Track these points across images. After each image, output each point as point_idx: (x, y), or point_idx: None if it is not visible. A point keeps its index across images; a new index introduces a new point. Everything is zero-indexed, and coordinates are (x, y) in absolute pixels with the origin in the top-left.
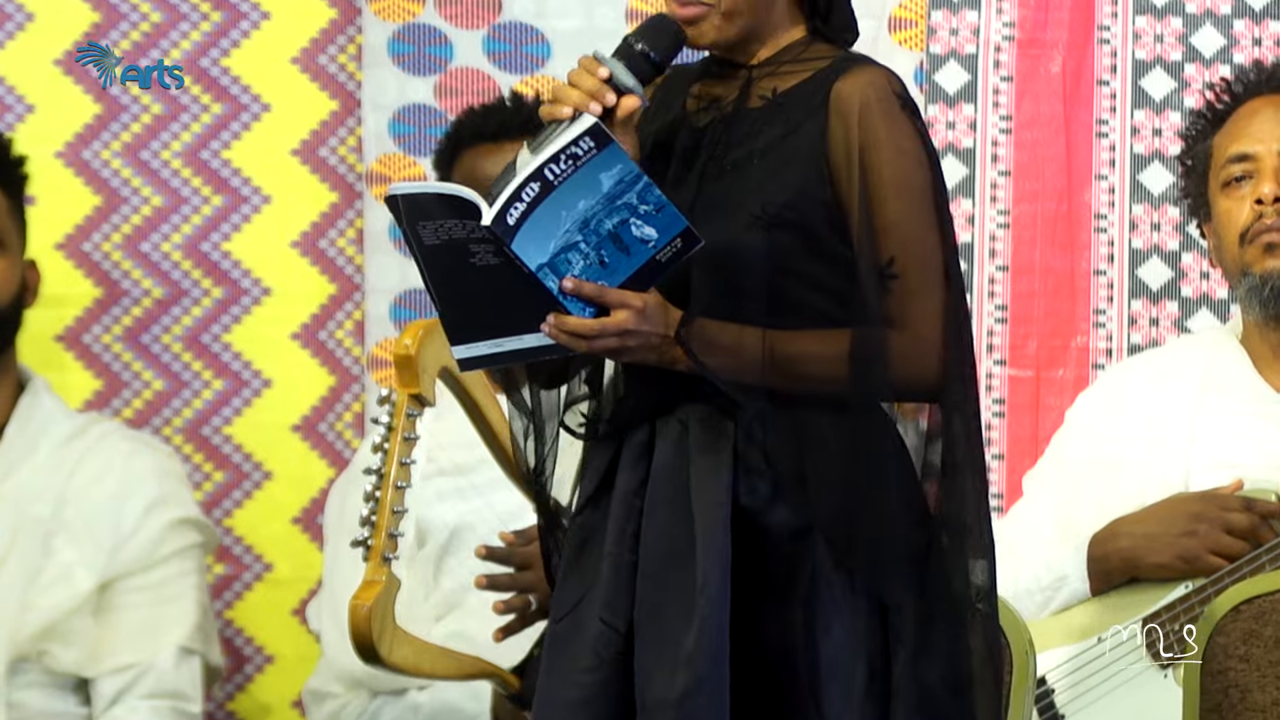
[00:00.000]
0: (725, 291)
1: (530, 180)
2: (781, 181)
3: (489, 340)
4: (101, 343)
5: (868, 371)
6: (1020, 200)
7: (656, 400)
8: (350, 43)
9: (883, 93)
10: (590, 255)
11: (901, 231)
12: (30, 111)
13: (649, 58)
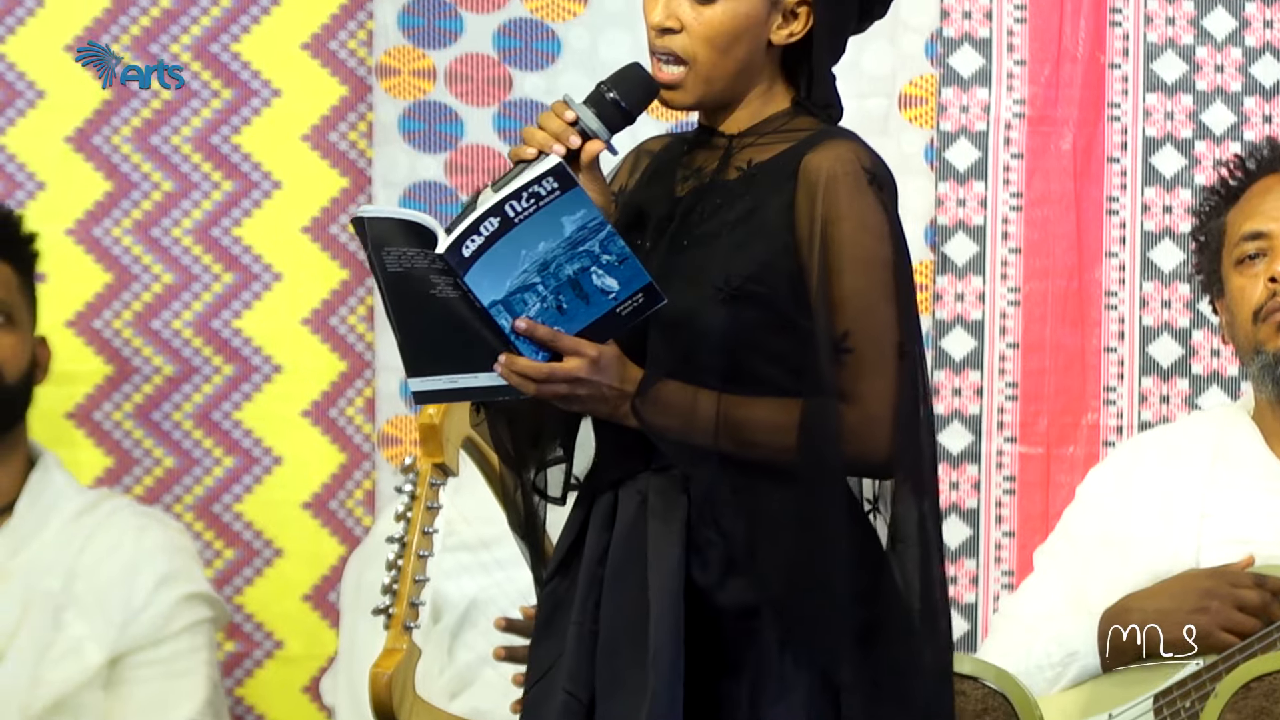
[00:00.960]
0: (682, 358)
1: (490, 214)
2: (747, 254)
3: (446, 375)
4: (112, 420)
5: (817, 443)
6: (1031, 277)
7: (622, 467)
8: (361, 120)
9: (850, 166)
10: (548, 299)
11: (858, 305)
12: (41, 189)
13: (619, 106)
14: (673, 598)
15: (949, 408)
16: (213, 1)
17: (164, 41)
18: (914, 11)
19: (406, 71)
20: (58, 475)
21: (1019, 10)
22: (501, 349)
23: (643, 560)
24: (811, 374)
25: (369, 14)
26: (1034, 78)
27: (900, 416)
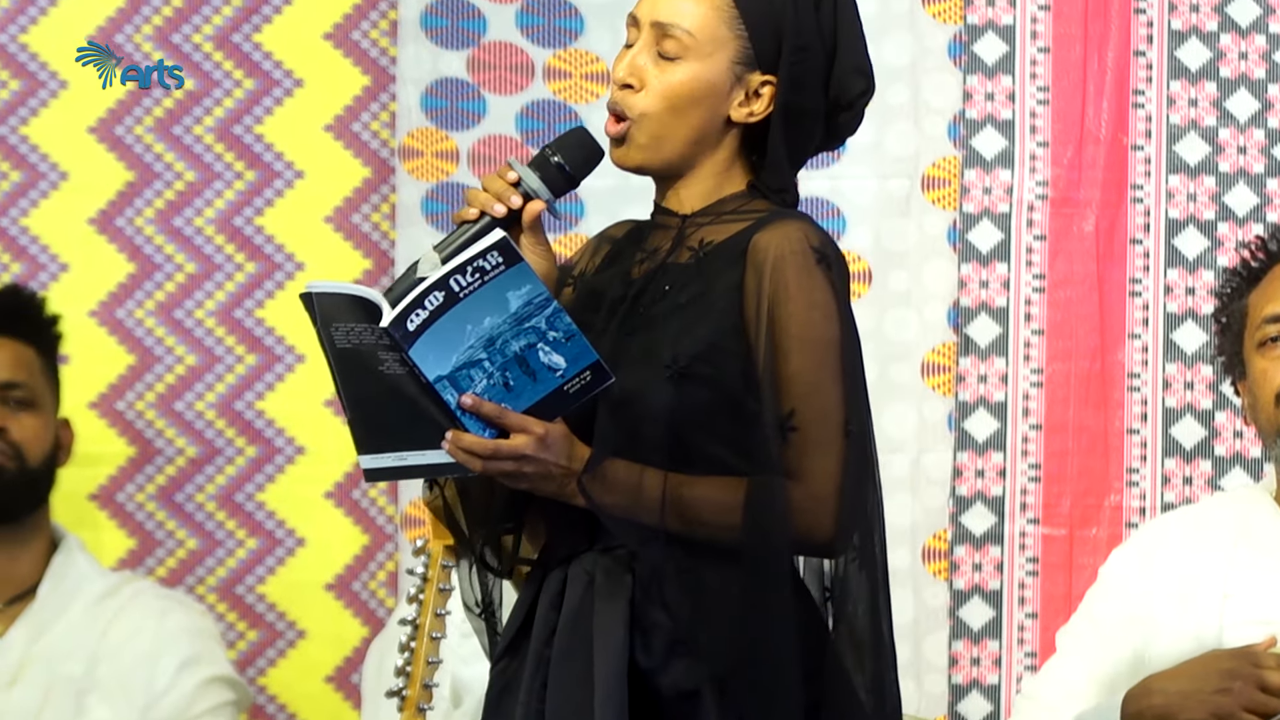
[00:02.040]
0: (629, 436)
1: (435, 289)
2: (695, 334)
3: (394, 452)
4: (135, 501)
5: (763, 522)
6: (1054, 359)
7: (569, 545)
8: (383, 17)
9: (798, 245)
10: (494, 375)
11: (804, 384)
12: (64, 270)
13: (563, 169)
14: (617, 679)
15: (972, 489)
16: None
17: (185, 32)
18: (936, 93)
19: (429, 62)
20: (80, 558)
21: (1042, 92)
22: (448, 425)
23: (589, 641)
24: (758, 453)
25: (391, 4)
26: (1057, 159)
27: (845, 495)
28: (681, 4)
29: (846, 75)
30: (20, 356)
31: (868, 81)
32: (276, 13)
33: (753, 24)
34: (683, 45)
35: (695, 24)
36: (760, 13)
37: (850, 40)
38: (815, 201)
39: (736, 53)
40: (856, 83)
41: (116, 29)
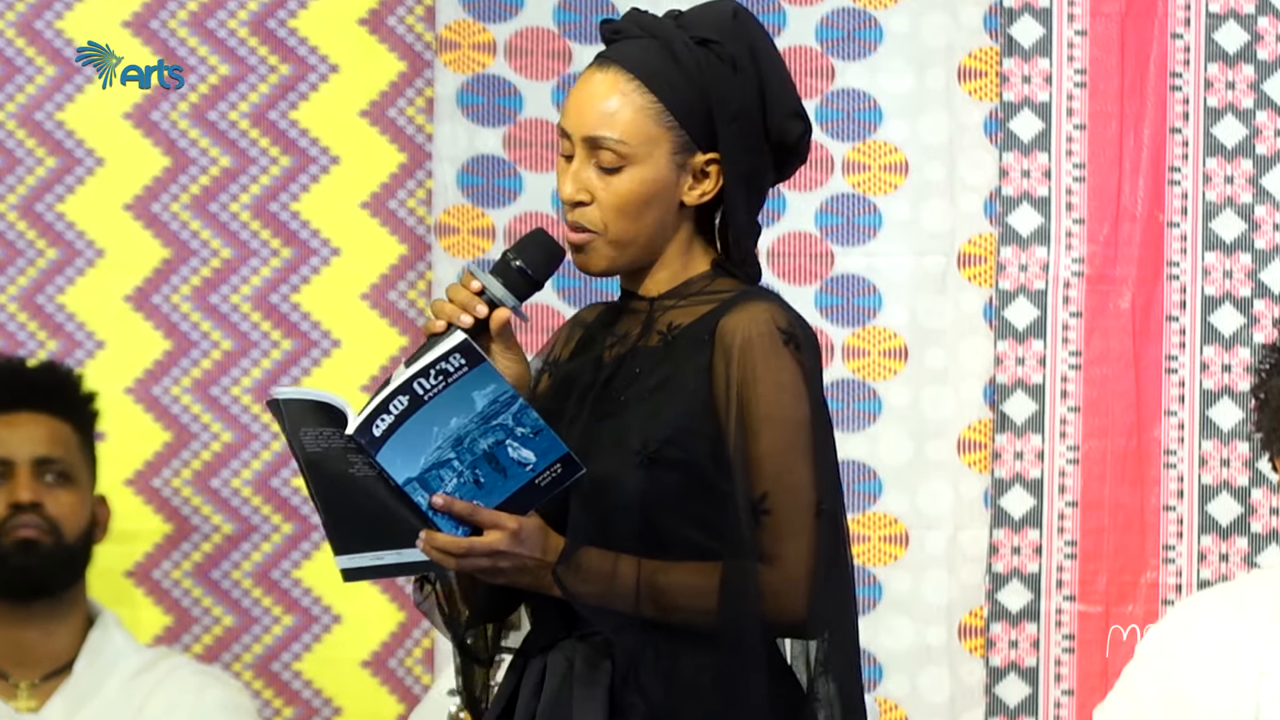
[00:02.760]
0: (602, 524)
1: (399, 393)
2: (665, 419)
3: (370, 552)
4: (171, 578)
5: (737, 605)
6: (1090, 436)
7: (548, 634)
8: (419, 95)
9: (765, 327)
10: (465, 474)
11: (775, 466)
12: (100, 347)
13: (525, 273)
14: None
15: (1008, 566)
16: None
17: (220, 17)
18: (972, 170)
19: (466, 46)
20: (117, 634)
21: (1078, 169)
22: (421, 526)
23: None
24: (731, 536)
25: (428, 81)
26: (1093, 236)
27: (817, 576)
28: (608, 114)
29: (783, 122)
30: (57, 433)
31: (805, 122)
32: (313, 90)
33: (680, 112)
34: (619, 155)
35: (625, 131)
36: (684, 99)
37: (777, 86)
38: (851, 279)
39: (673, 144)
40: (795, 126)
41: (153, 106)
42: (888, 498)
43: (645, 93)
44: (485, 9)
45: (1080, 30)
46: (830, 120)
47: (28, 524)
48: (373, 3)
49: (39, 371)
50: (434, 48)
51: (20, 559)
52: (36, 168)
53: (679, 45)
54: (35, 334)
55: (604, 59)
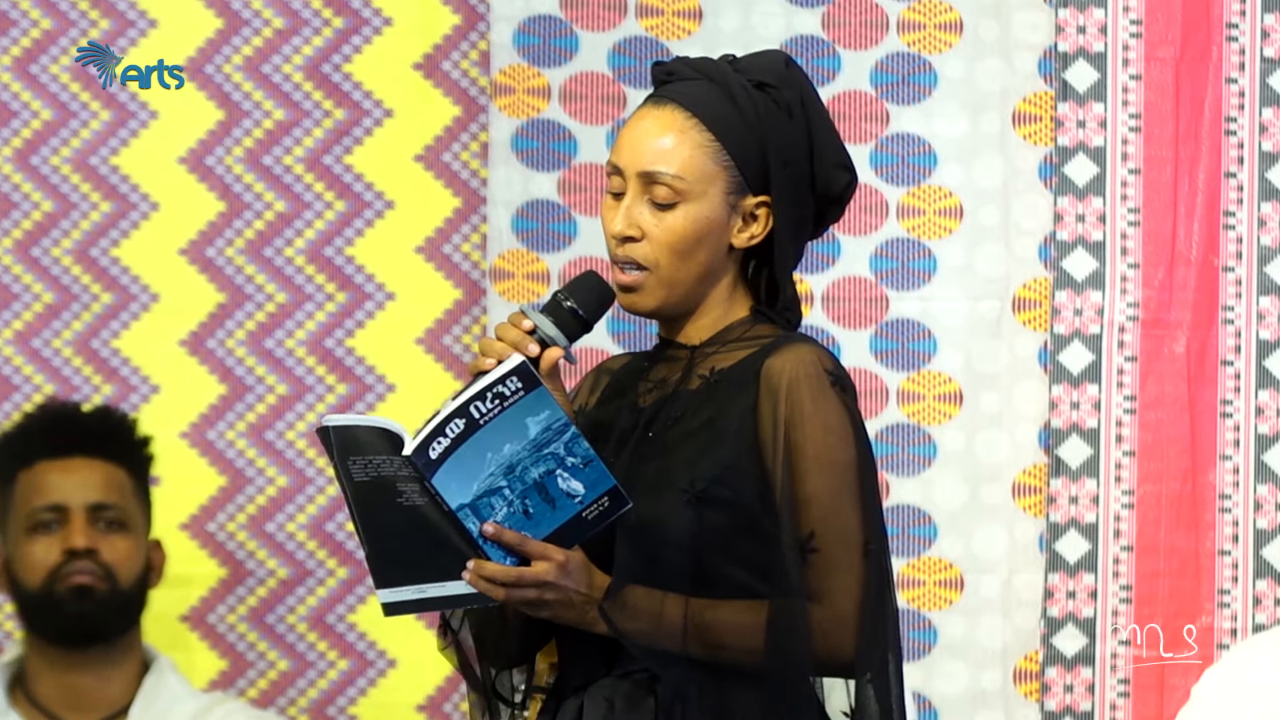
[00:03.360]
0: (648, 562)
1: (455, 416)
2: (712, 458)
3: (414, 585)
4: (226, 623)
5: (785, 643)
6: (1145, 480)
7: (585, 672)
8: (474, 139)
9: (812, 369)
10: (514, 503)
11: (823, 506)
12: (155, 391)
13: (576, 314)
14: None
15: (1063, 610)
16: (324, 23)
17: (275, 62)
18: (1027, 215)
19: (521, 90)
20: (172, 679)
21: (1133, 214)
22: (470, 553)
23: None
24: (778, 575)
25: (481, 34)
26: (1148, 281)
27: (865, 615)
28: (665, 150)
29: (830, 173)
30: (112, 478)
31: (850, 174)
32: (368, 135)
33: (737, 152)
34: (675, 191)
35: (683, 167)
36: (742, 139)
37: (825, 137)
38: (905, 323)
39: (727, 184)
40: (841, 177)
41: (208, 151)
42: (942, 542)
43: (703, 130)
44: (540, 54)
45: (1135, 75)
46: (885, 165)
47: (82, 570)
48: (427, 47)
49: (94, 416)
50: (489, 92)
51: (75, 605)
52: (91, 212)
53: (736, 87)
54: (90, 378)
55: (660, 97)
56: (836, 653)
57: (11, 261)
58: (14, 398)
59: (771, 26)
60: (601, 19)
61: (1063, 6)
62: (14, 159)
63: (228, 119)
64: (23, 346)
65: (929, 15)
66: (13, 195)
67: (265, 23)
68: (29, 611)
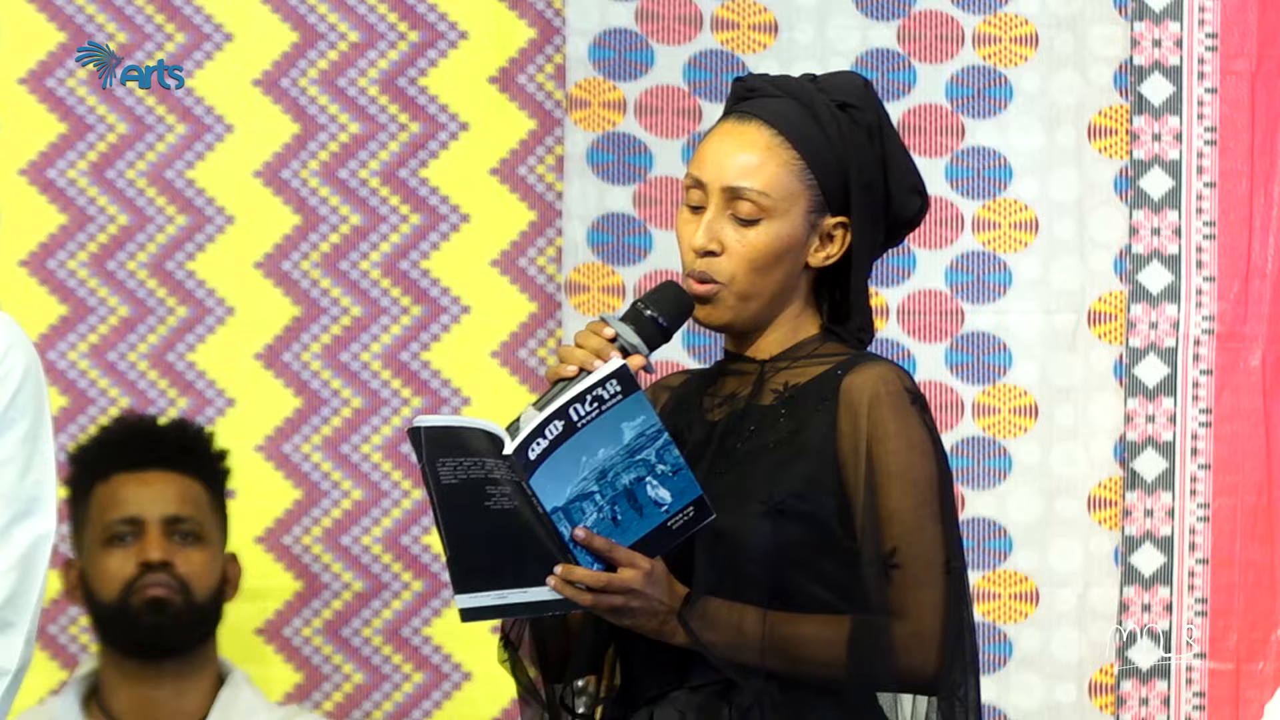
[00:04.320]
0: (728, 574)
1: (555, 417)
2: (791, 473)
3: (494, 591)
4: (302, 635)
5: (867, 659)
6: (1220, 493)
7: (657, 685)
8: (549, 153)
9: (892, 387)
10: (604, 509)
11: (905, 523)
12: (230, 405)
13: (656, 322)
14: None
15: (1139, 623)
16: (400, 36)
17: (351, 75)
18: (1102, 228)
19: (596, 104)
20: (247, 692)
21: (1208, 227)
22: (559, 557)
23: None
24: (859, 590)
25: (556, 48)
26: (1223, 294)
27: (947, 631)
28: (750, 166)
29: (904, 197)
30: (187, 491)
31: (923, 199)
32: (443, 148)
33: (821, 171)
34: (759, 207)
35: (768, 184)
36: (826, 159)
37: (900, 161)
38: (980, 336)
39: (809, 203)
40: (913, 202)
41: (283, 164)
42: (1018, 555)
43: (789, 148)
44: (615, 67)
45: (1210, 88)
46: (960, 178)
47: (158, 583)
48: (503, 61)
49: (170, 430)
50: (564, 106)
51: (151, 618)
52: (167, 226)
53: (820, 106)
54: (165, 392)
55: (744, 113)
56: (919, 669)
57: (87, 275)
58: (89, 411)
59: (847, 40)
60: (677, 32)
61: (1138, 20)
62: (90, 173)
63: (303, 132)
64: (98, 360)
65: (1004, 29)
66: (88, 209)
67: (341, 36)
68: (104, 624)
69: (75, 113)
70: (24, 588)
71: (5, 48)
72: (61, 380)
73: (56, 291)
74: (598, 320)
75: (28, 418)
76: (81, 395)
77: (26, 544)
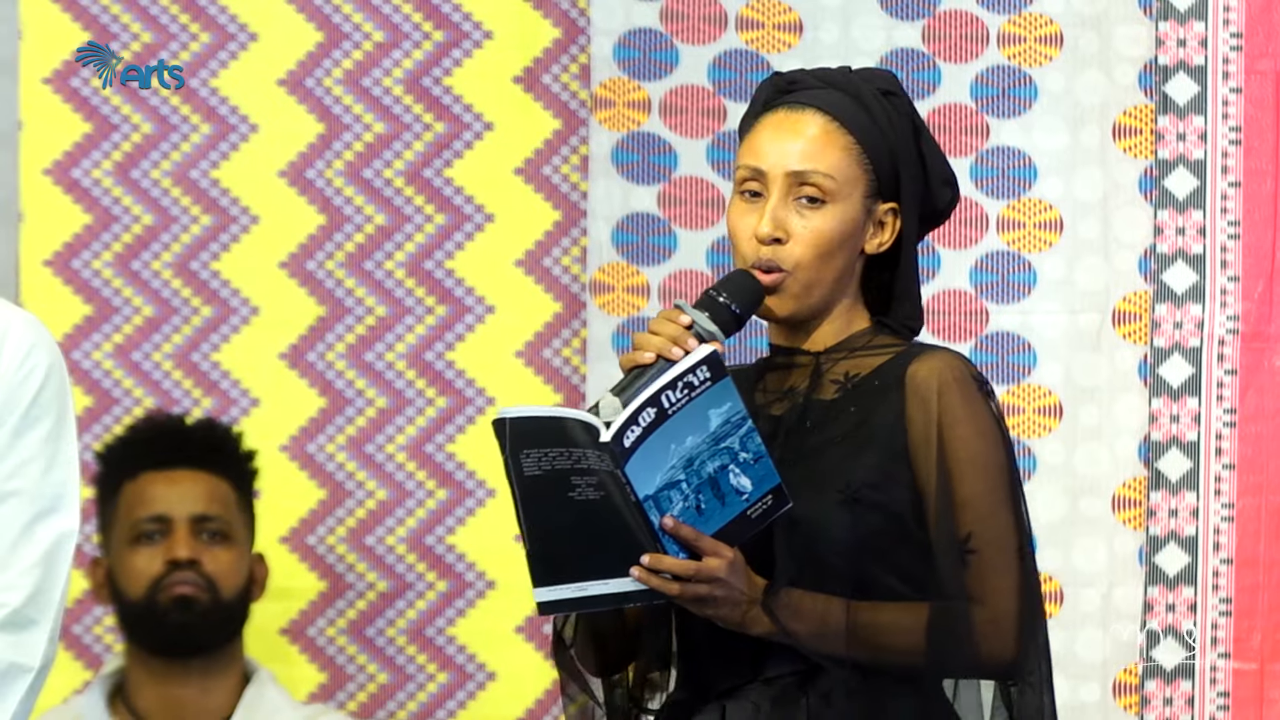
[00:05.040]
0: (807, 564)
1: (648, 405)
2: (863, 463)
3: (574, 583)
4: (326, 635)
5: (946, 645)
6: (1244, 493)
7: (730, 678)
8: (574, 153)
9: (959, 374)
10: (689, 498)
11: (979, 508)
12: (255, 404)
13: (731, 309)
14: None
15: (1163, 623)
16: (424, 36)
17: (376, 75)
18: (1127, 228)
19: (621, 104)
20: (272, 690)
21: (1232, 226)
22: (649, 546)
23: None
24: (935, 578)
25: (581, 48)
26: (1247, 294)
27: (1025, 616)
28: (814, 150)
29: (939, 189)
30: (215, 490)
31: (954, 190)
32: (468, 148)
33: (874, 157)
34: (824, 190)
35: (831, 167)
36: (878, 145)
37: (934, 153)
38: (1005, 336)
39: (866, 188)
40: (946, 193)
41: (307, 165)
42: (1042, 554)
43: (845, 134)
44: (640, 67)
45: (1235, 88)
46: (985, 178)
47: (184, 581)
48: (527, 61)
49: (199, 429)
50: (588, 105)
51: (177, 616)
52: (192, 225)
53: (867, 95)
54: (190, 391)
55: (794, 103)
56: (998, 654)
57: (112, 275)
58: (114, 411)
59: (872, 39)
60: (701, 32)
61: (1163, 20)
62: (114, 172)
63: (328, 132)
64: (123, 360)
65: (1029, 29)
66: (113, 209)
67: (365, 36)
68: (130, 622)
69: (100, 112)
70: (47, 585)
71: (30, 48)
72: (86, 380)
73: (81, 291)
74: (673, 308)
75: (51, 416)
76: (106, 395)
77: (49, 542)
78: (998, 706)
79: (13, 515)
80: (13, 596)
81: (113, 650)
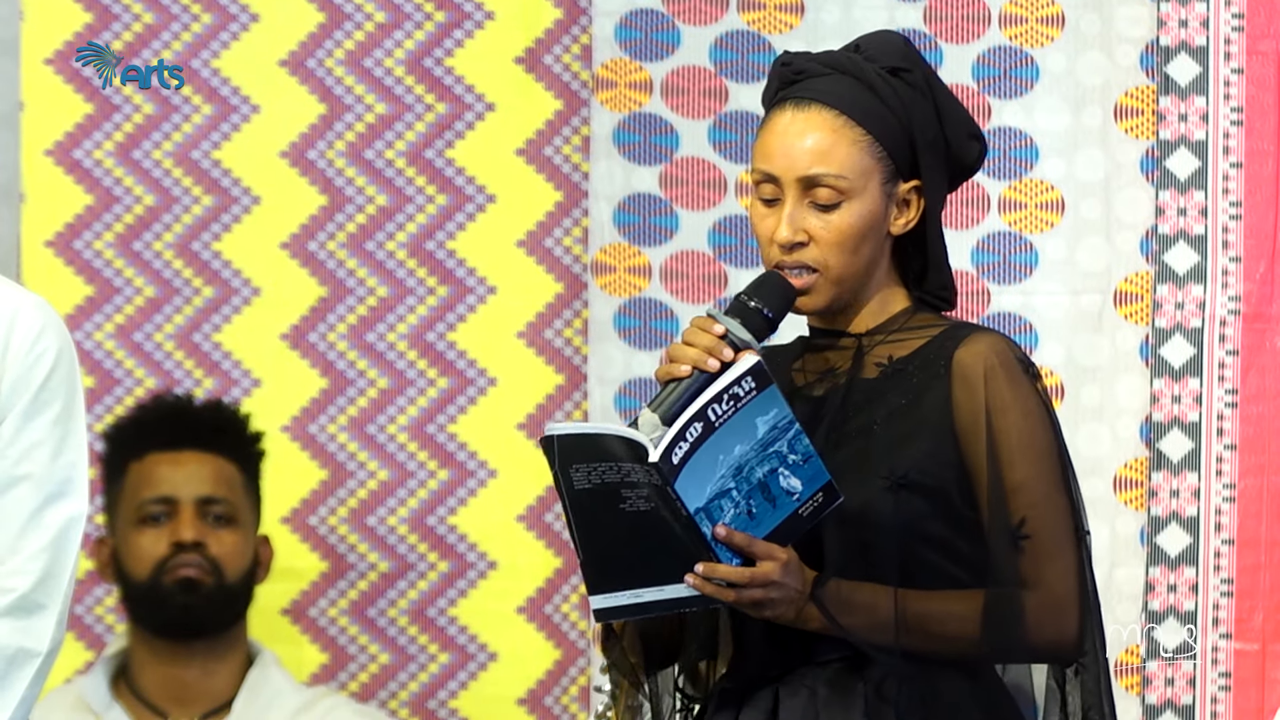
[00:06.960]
0: (857, 552)
1: (694, 420)
2: (909, 446)
3: (629, 590)
4: (328, 616)
5: (1003, 631)
6: (1246, 473)
7: (779, 666)
8: (575, 133)
9: (1005, 358)
10: (740, 504)
11: (1032, 493)
12: (256, 385)
13: (763, 314)
14: None
15: (1164, 604)
16: (426, 16)
17: (377, 56)
18: (1128, 208)
19: (622, 84)
20: (275, 673)
21: (1234, 207)
22: (701, 555)
23: None
24: (990, 563)
25: (582, 28)
26: (1249, 274)
27: (1083, 598)
28: (821, 152)
29: (964, 144)
30: (221, 472)
31: (981, 143)
32: (469, 129)
33: (887, 142)
34: (838, 191)
35: (842, 166)
36: (890, 129)
37: (954, 111)
38: (1007, 316)
39: (883, 175)
40: (973, 147)
41: (309, 145)
42: None
43: (854, 126)
44: (641, 48)
45: (1237, 68)
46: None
47: (189, 563)
48: (529, 41)
49: (206, 410)
50: (590, 86)
51: (181, 598)
52: (193, 206)
53: (873, 77)
54: (192, 372)
55: (800, 99)
56: (1057, 638)
57: (113, 255)
58: (115, 391)
59: (874, 20)
60: (703, 13)
61: (1164, 0)
62: (116, 153)
63: (329, 113)
64: (124, 340)
65: (1031, 9)
66: (114, 189)
67: (367, 17)
68: (135, 603)
69: (101, 93)
70: (56, 570)
71: (32, 28)
72: (88, 361)
73: (83, 272)
74: (704, 316)
75: (60, 400)
76: (108, 376)
77: (58, 526)
78: (1051, 688)
79: (22, 499)
80: (21, 581)
81: (114, 632)
